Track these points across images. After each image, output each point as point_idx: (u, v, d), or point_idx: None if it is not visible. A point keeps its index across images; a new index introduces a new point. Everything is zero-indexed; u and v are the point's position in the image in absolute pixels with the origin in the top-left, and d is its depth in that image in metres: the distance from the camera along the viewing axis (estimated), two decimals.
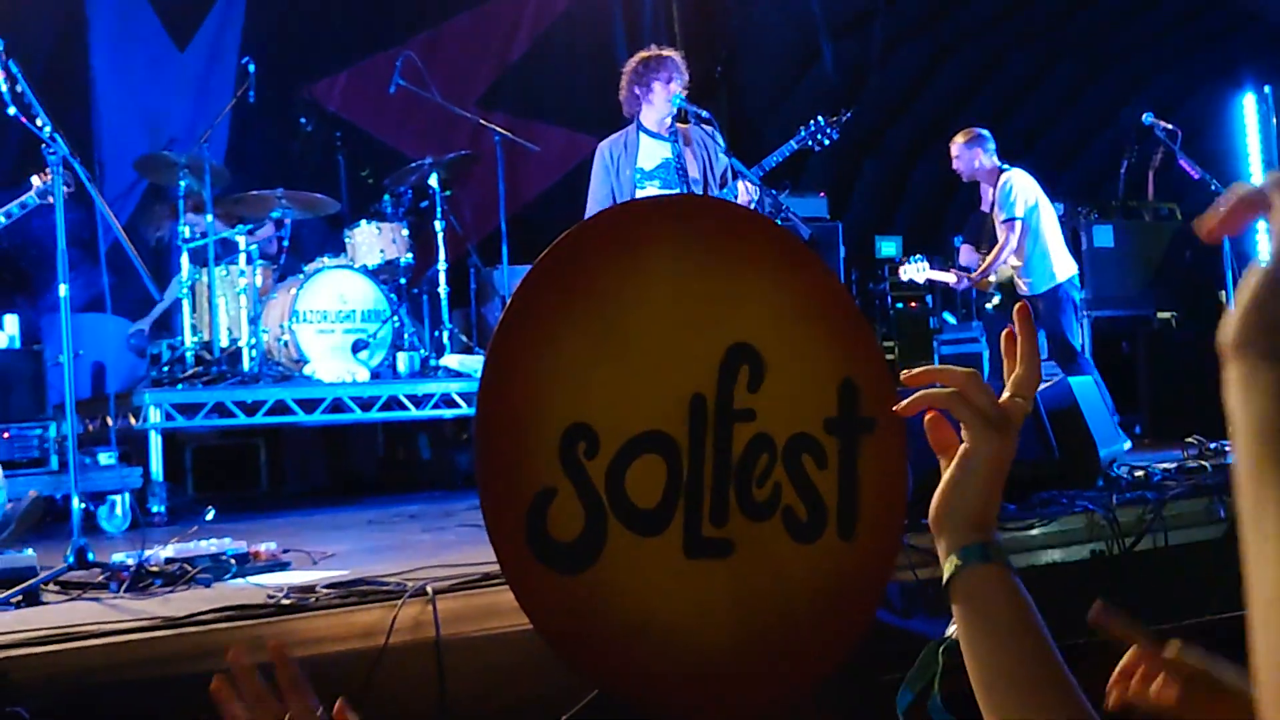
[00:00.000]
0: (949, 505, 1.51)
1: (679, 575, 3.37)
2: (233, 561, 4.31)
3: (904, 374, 1.62)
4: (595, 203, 6.51)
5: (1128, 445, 6.20)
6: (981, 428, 1.45)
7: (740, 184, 6.27)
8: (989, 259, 8.00)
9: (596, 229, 3.68)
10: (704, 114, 6.37)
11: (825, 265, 4.42)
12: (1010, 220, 7.93)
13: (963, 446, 1.47)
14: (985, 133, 8.17)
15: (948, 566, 1.46)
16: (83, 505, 4.57)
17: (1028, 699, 1.34)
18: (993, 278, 8.07)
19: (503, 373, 3.21)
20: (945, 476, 1.52)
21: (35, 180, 5.27)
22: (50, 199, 4.77)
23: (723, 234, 3.59)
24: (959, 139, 8.25)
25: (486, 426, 3.24)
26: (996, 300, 8.15)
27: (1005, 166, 8.10)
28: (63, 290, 4.48)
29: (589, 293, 3.32)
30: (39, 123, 4.47)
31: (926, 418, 1.57)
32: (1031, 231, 8.02)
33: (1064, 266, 8.01)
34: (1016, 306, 1.52)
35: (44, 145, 4.55)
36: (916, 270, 8.94)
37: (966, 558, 1.44)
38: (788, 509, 3.52)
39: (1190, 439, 6.29)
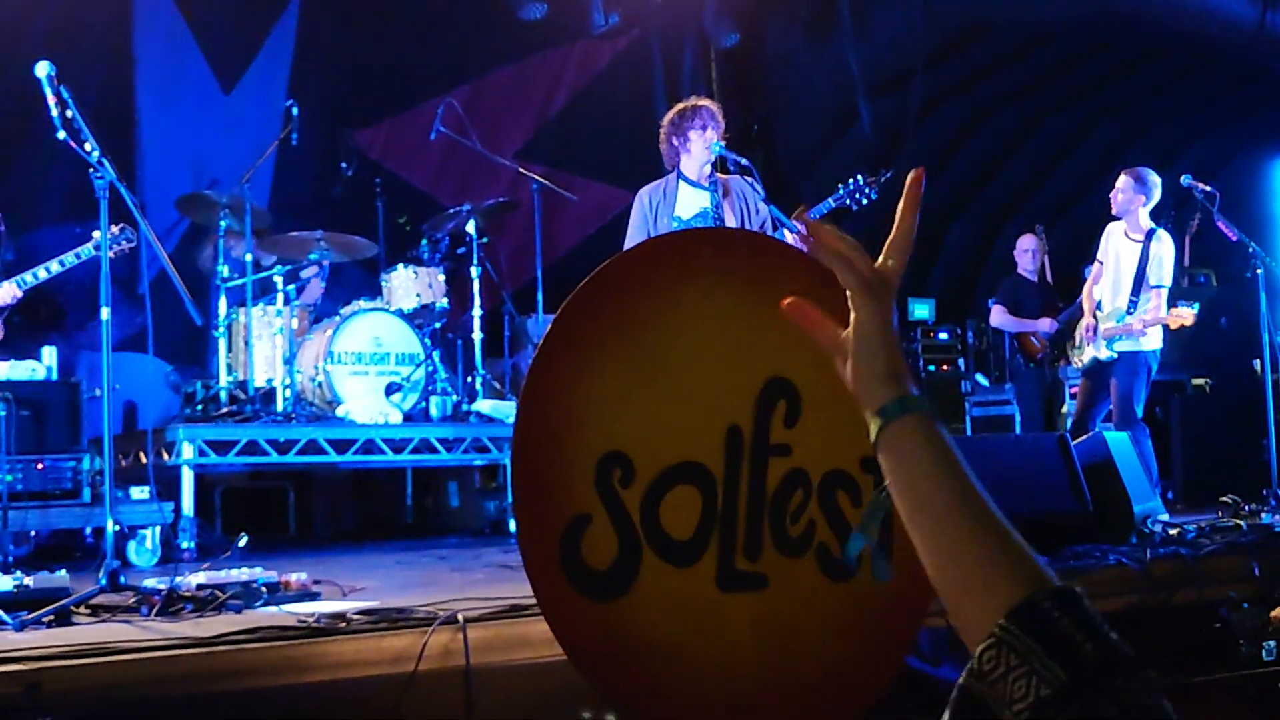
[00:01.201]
0: (859, 374, 1.56)
1: (711, 607, 3.36)
2: (264, 590, 4.31)
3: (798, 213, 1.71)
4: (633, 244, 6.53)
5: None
6: (863, 293, 1.55)
7: (785, 234, 6.28)
8: (1150, 315, 7.88)
9: (637, 260, 3.70)
10: (744, 162, 6.40)
11: None
12: (1161, 288, 7.91)
13: (852, 317, 1.56)
14: (1154, 184, 8.12)
15: (872, 428, 1.51)
16: (117, 527, 4.58)
17: (955, 534, 1.41)
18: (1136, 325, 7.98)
19: (541, 398, 3.21)
20: (849, 350, 1.58)
21: (96, 234, 5.31)
22: (110, 252, 4.82)
23: (762, 268, 3.59)
24: (1132, 172, 8.21)
25: (524, 451, 3.25)
26: (1109, 358, 8.06)
27: (1155, 227, 8.07)
28: (104, 314, 4.51)
29: (628, 322, 3.33)
30: (88, 147, 4.53)
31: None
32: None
33: (1158, 339, 8.00)
34: (911, 175, 1.61)
35: (91, 170, 4.60)
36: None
37: (886, 414, 1.50)
38: (822, 545, 3.51)
39: (1225, 498, 6.25)
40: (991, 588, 1.34)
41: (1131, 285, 8.01)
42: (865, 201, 7.12)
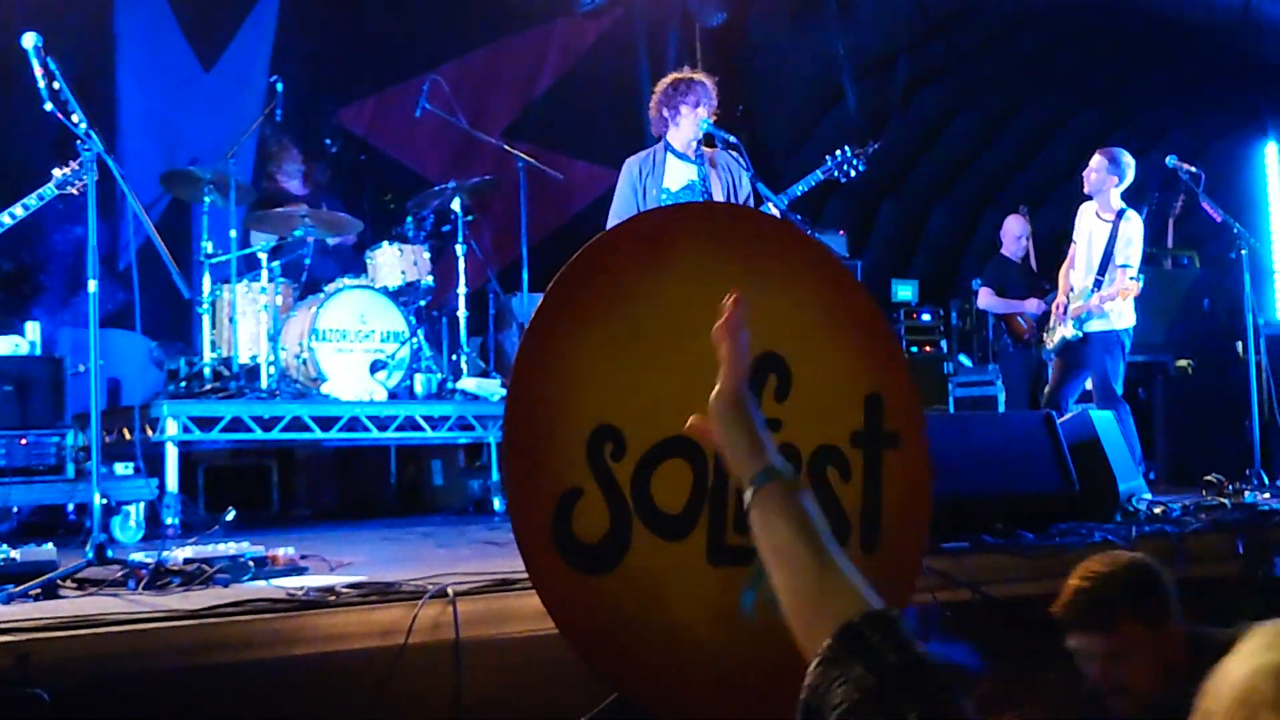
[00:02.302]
0: (730, 454, 1.97)
1: (701, 581, 3.37)
2: (251, 564, 4.31)
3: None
4: (617, 216, 6.51)
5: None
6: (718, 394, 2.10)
7: (770, 207, 6.28)
8: (1109, 292, 7.88)
9: (627, 234, 3.70)
10: (731, 139, 6.39)
11: (855, 279, 4.43)
12: (1126, 267, 7.91)
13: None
14: (1128, 165, 8.12)
15: (747, 497, 1.85)
16: (104, 501, 4.56)
17: (801, 579, 1.71)
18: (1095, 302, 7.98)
19: (533, 372, 3.21)
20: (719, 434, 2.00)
21: (56, 171, 5.25)
22: (70, 190, 4.78)
23: (753, 243, 3.60)
24: (1106, 152, 8.21)
25: (515, 424, 3.25)
26: (1074, 337, 8.08)
27: (1126, 207, 8.07)
28: (92, 286, 4.49)
29: (619, 297, 3.33)
30: (75, 119, 4.51)
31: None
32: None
33: (1130, 315, 8.01)
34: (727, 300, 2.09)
35: (79, 141, 4.58)
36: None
37: (754, 483, 1.84)
38: None
39: (1209, 477, 6.28)
40: (826, 618, 1.58)
41: (1099, 265, 8.03)
42: (853, 173, 7.13)
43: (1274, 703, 1.23)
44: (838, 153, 7.00)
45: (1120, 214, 8.01)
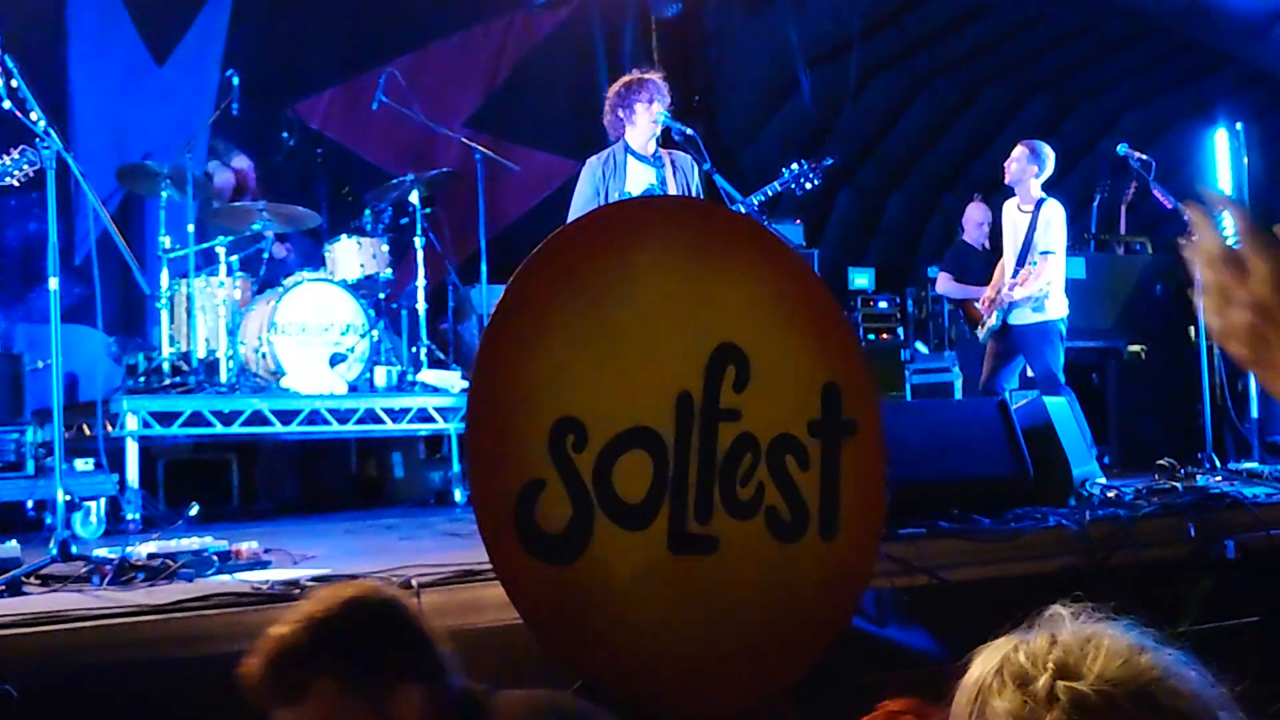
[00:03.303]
0: None
1: (663, 570, 3.43)
2: (215, 558, 4.32)
3: None
4: (578, 214, 6.54)
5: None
6: None
7: (740, 208, 6.32)
8: (1032, 285, 7.95)
9: (587, 228, 3.74)
10: (689, 131, 6.44)
11: (811, 270, 4.49)
12: (1050, 254, 7.97)
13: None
14: (1047, 156, 8.18)
15: None
16: (68, 497, 4.57)
17: None
18: (1018, 294, 8.05)
19: (494, 365, 3.25)
20: None
21: (4, 159, 5.20)
22: (9, 180, 4.75)
23: (711, 236, 3.65)
24: (1026, 144, 8.28)
25: (478, 417, 3.29)
26: (994, 327, 8.18)
27: (1045, 197, 8.13)
28: (53, 284, 4.50)
29: (579, 290, 3.38)
30: (34, 116, 4.51)
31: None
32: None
33: (1064, 304, 8.08)
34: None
35: (38, 139, 4.58)
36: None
37: None
38: (771, 509, 3.58)
39: (1161, 461, 6.37)
40: None
41: (1019, 255, 8.11)
42: (809, 186, 7.12)
43: (999, 690, 1.36)
44: (794, 166, 7.02)
45: (1039, 203, 8.07)
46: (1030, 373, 8.22)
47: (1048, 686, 1.35)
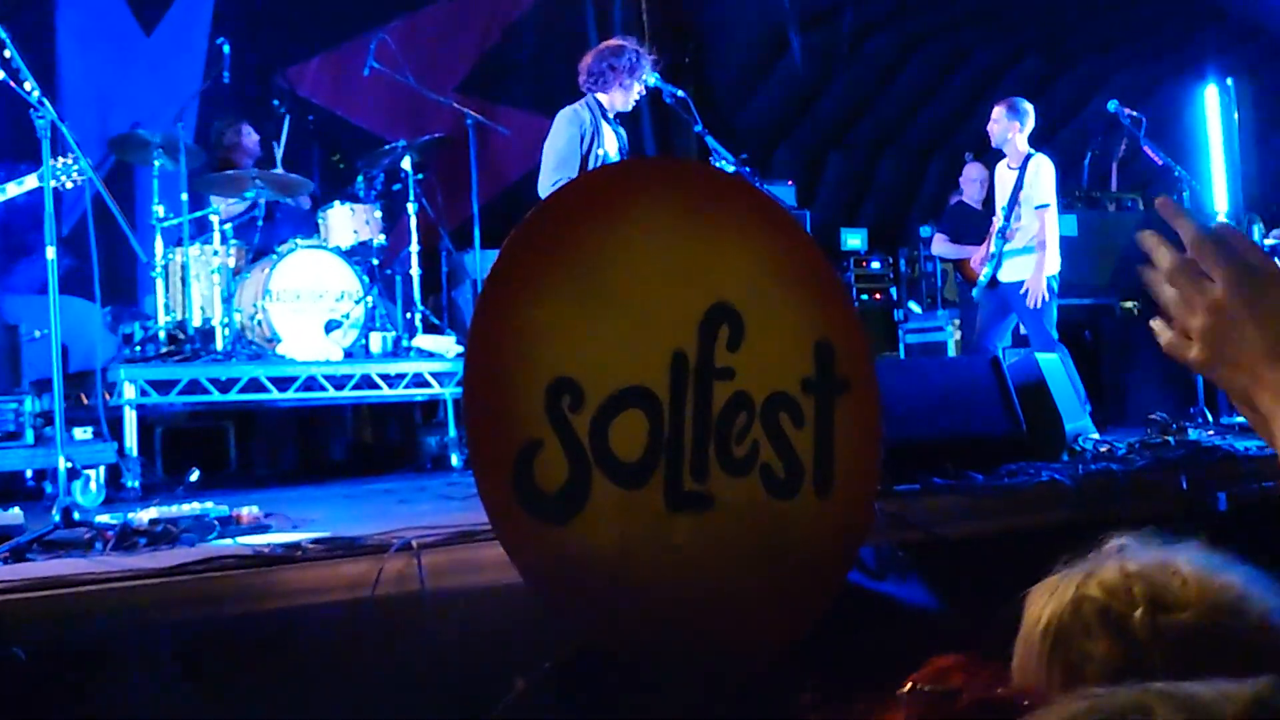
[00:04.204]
0: None
1: (661, 527, 3.46)
2: (216, 523, 4.36)
3: None
4: (560, 166, 6.55)
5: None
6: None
7: (725, 167, 6.36)
8: (1051, 246, 7.94)
9: (582, 189, 3.77)
10: (679, 93, 6.46)
11: (803, 229, 4.52)
12: (1046, 206, 7.98)
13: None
14: (1026, 111, 8.20)
15: None
16: (69, 464, 4.60)
17: None
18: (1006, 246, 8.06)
19: (490, 327, 3.28)
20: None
21: (58, 162, 5.24)
22: (52, 184, 4.78)
23: (703, 196, 3.68)
24: (1005, 102, 8.29)
25: (475, 378, 3.32)
26: (982, 283, 8.20)
27: (1033, 152, 8.14)
28: (50, 253, 4.52)
29: (574, 251, 3.40)
30: (28, 86, 4.52)
31: None
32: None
33: (1056, 261, 8.10)
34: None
35: (32, 110, 4.59)
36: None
37: None
38: (766, 466, 3.62)
39: (1153, 416, 6.41)
40: None
41: (1006, 210, 8.12)
42: None
43: (1086, 632, 1.32)
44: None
45: (1026, 158, 8.09)
46: (1023, 330, 8.26)
47: (1147, 624, 1.30)
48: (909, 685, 1.31)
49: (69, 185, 5.35)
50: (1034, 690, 1.26)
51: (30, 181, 5.49)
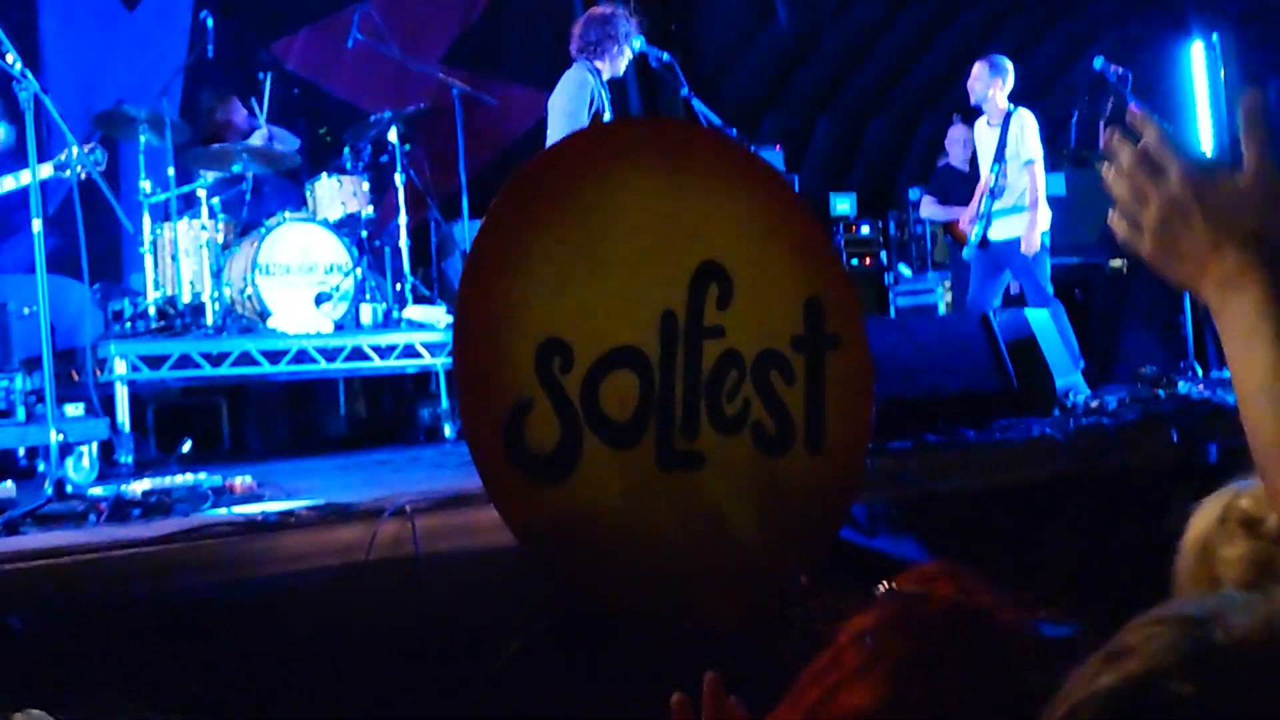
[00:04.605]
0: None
1: (652, 486, 3.47)
2: (210, 493, 4.36)
3: None
4: (570, 116, 6.49)
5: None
6: None
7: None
8: (1041, 200, 7.93)
9: (569, 150, 3.76)
10: (665, 57, 6.44)
11: (790, 187, 4.51)
12: (1032, 162, 7.97)
13: None
14: (1007, 67, 8.19)
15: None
16: (61, 437, 4.60)
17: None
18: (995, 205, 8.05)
19: (479, 290, 3.28)
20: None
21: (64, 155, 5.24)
22: (66, 173, 4.77)
23: (691, 156, 3.67)
24: (983, 59, 8.29)
25: (465, 340, 3.32)
26: (973, 242, 8.20)
27: (1014, 108, 8.13)
28: (36, 225, 4.51)
29: (562, 212, 3.40)
30: (10, 59, 4.50)
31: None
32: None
33: (1047, 216, 8.10)
34: None
35: (14, 82, 4.57)
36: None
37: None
38: (757, 424, 3.63)
39: (1143, 370, 6.43)
40: None
41: (992, 166, 8.11)
42: None
43: (1227, 538, 1.44)
44: None
45: (1008, 115, 8.08)
46: (1014, 290, 8.26)
47: (1277, 525, 1.37)
48: (885, 586, 1.32)
49: (83, 175, 5.33)
50: (1004, 602, 1.28)
51: (44, 170, 5.47)
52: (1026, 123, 8.02)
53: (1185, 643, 0.89)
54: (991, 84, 8.10)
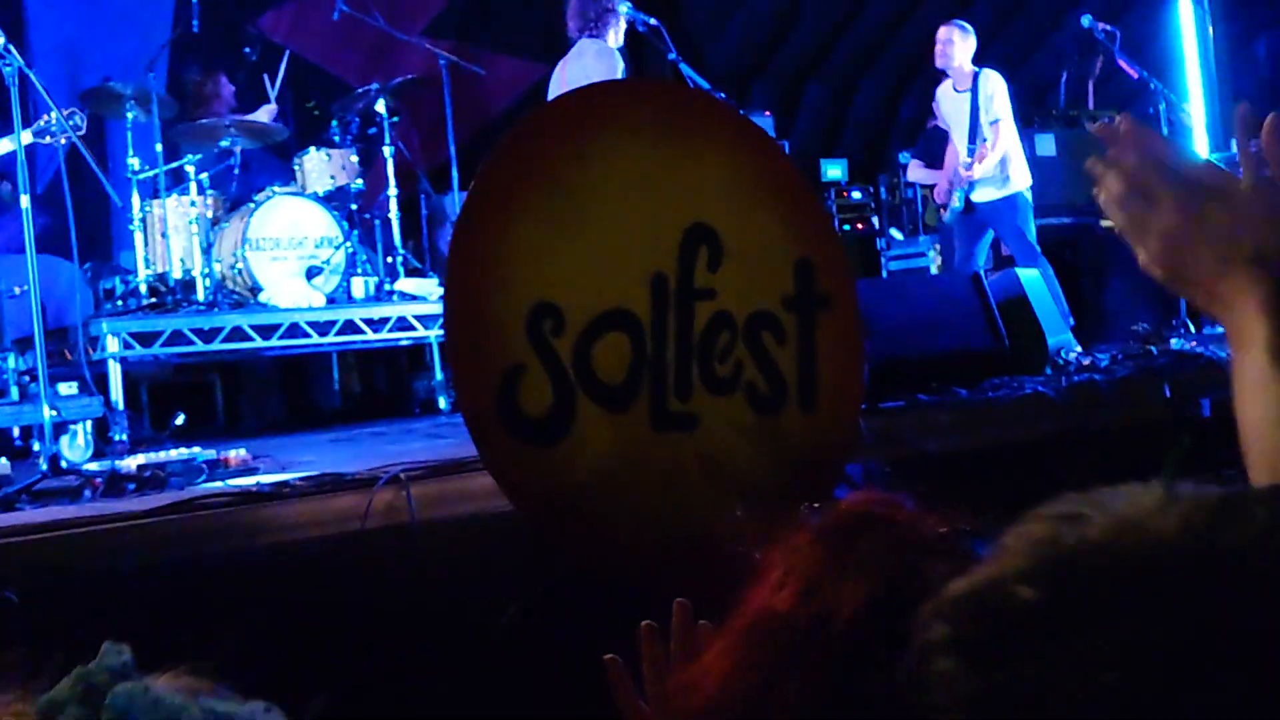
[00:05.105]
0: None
1: (647, 448, 3.47)
2: (204, 467, 4.37)
3: None
4: None
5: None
6: None
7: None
8: (991, 158, 7.95)
9: (556, 112, 3.75)
10: (652, 21, 6.43)
11: (778, 146, 4.51)
12: (999, 121, 7.97)
13: None
14: (970, 30, 8.20)
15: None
16: (54, 413, 4.60)
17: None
18: (977, 173, 8.05)
19: (469, 254, 3.28)
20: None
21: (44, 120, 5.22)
22: (46, 139, 4.75)
23: (679, 116, 3.66)
24: (948, 24, 8.29)
25: (456, 305, 3.32)
26: (957, 209, 8.20)
27: (979, 69, 8.13)
28: (24, 201, 4.50)
29: (550, 175, 3.39)
30: None
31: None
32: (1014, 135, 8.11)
33: (1026, 175, 8.10)
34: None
35: None
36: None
37: None
38: (750, 384, 3.63)
39: (1136, 327, 6.44)
40: None
41: (969, 133, 8.12)
42: None
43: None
44: None
45: (975, 76, 8.09)
46: (1005, 250, 8.26)
47: None
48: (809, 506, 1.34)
49: (64, 140, 5.30)
50: (930, 518, 1.29)
51: (25, 137, 5.45)
52: (995, 84, 8.05)
53: (1040, 545, 0.87)
54: (961, 48, 8.12)
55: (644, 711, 1.66)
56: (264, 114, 8.48)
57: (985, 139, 7.97)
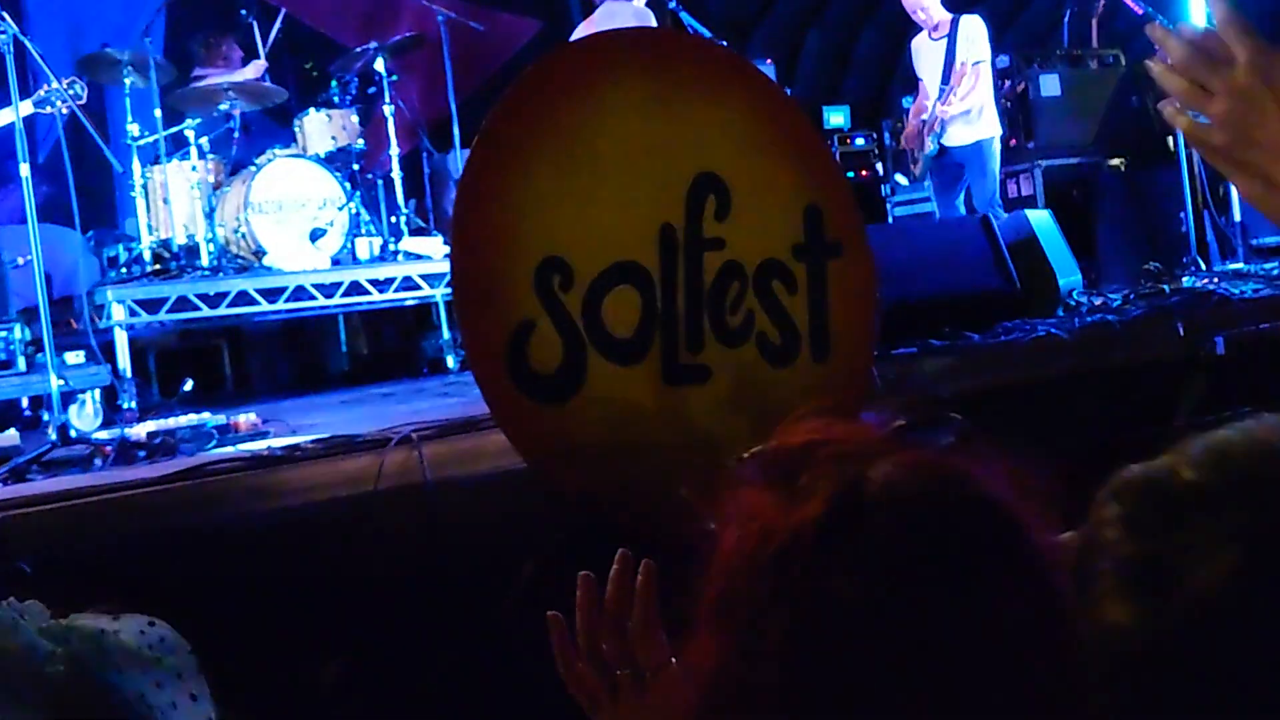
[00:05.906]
0: None
1: (660, 401, 3.44)
2: (214, 432, 4.35)
3: None
4: None
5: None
6: None
7: None
8: (972, 96, 7.90)
9: (560, 64, 3.70)
10: None
11: (784, 94, 4.45)
12: (979, 64, 7.92)
13: None
14: None
15: None
16: (61, 382, 4.58)
17: None
18: (956, 107, 8.00)
19: (475, 210, 3.24)
20: None
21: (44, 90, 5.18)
22: (47, 109, 4.72)
23: (684, 65, 3.61)
24: None
25: (463, 262, 3.28)
26: (932, 153, 8.17)
27: (956, 15, 8.08)
28: (24, 170, 4.46)
29: (553, 127, 3.35)
30: None
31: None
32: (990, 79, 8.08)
33: (996, 122, 8.07)
34: None
35: None
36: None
37: None
38: (761, 334, 3.59)
39: (1147, 266, 6.39)
40: None
41: (943, 75, 8.07)
42: None
43: None
44: None
45: (954, 21, 8.04)
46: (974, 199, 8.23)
47: None
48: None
49: (64, 110, 5.27)
50: (847, 426, 1.27)
51: (25, 107, 5.40)
52: (975, 27, 8.00)
53: (1208, 440, 1.04)
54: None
55: (582, 671, 1.68)
56: (252, 70, 8.42)
57: (968, 78, 7.93)
